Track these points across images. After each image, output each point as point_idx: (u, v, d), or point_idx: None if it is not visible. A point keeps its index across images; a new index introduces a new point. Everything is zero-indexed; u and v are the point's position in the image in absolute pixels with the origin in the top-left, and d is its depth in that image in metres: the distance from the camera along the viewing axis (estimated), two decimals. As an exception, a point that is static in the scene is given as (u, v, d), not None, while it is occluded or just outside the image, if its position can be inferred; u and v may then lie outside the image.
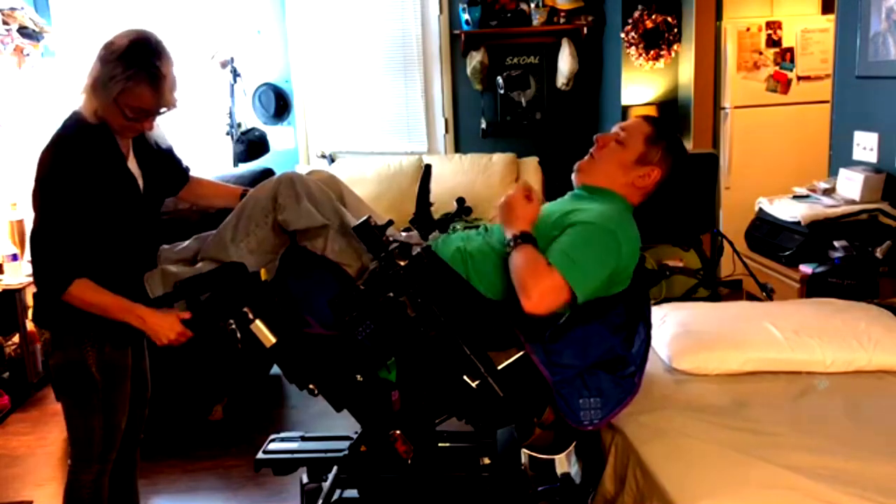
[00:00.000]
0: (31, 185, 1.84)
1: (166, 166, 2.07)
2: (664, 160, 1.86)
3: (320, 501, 1.86)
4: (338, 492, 1.89)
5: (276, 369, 3.82)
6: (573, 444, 1.83)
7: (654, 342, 2.08)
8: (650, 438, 1.73)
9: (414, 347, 1.65)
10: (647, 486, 1.64)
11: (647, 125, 1.90)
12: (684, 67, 4.77)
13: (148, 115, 1.85)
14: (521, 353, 1.68)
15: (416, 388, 1.71)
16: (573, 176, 1.94)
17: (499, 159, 4.91)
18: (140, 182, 1.96)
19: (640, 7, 4.63)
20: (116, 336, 1.93)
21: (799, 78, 4.69)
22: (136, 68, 1.76)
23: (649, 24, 4.61)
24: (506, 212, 1.77)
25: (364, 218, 1.69)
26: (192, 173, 2.18)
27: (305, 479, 1.98)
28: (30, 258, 1.85)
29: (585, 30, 4.96)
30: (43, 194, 1.81)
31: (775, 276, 3.11)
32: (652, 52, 4.67)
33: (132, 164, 1.95)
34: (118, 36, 1.79)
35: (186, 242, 2.00)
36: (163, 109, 1.85)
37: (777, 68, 4.70)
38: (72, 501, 2.07)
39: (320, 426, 3.17)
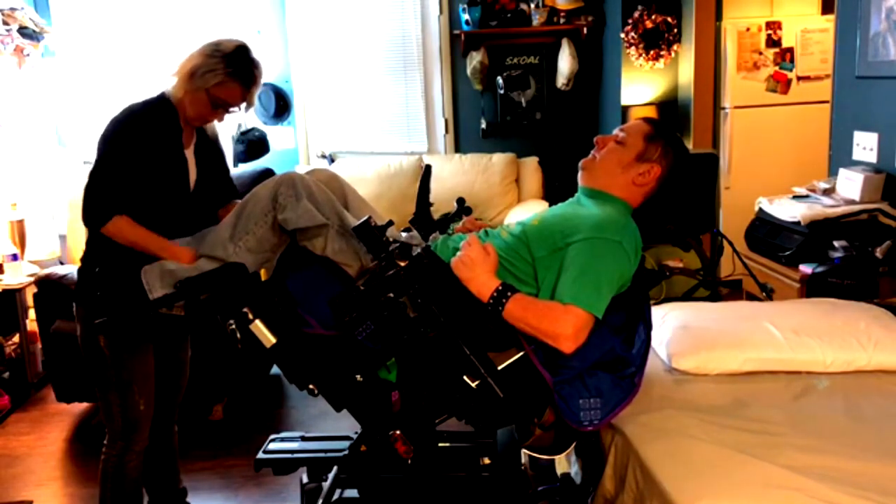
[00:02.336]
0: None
1: (221, 178, 2.31)
2: (664, 157, 1.87)
3: (320, 501, 1.86)
4: (338, 492, 1.89)
5: (276, 369, 3.83)
6: (573, 445, 1.83)
7: (654, 342, 2.09)
8: (650, 438, 1.73)
9: (414, 348, 1.65)
10: (647, 486, 1.65)
11: (646, 125, 1.91)
12: (684, 67, 4.77)
13: (227, 109, 2.14)
14: (520, 354, 1.68)
15: (416, 389, 1.71)
16: (579, 175, 1.94)
17: (499, 159, 4.91)
18: (192, 175, 2.19)
19: (640, 7, 4.63)
20: (132, 322, 2.02)
21: (799, 78, 4.70)
22: (236, 68, 2.07)
23: (649, 25, 4.61)
24: (467, 269, 1.70)
25: (364, 218, 1.69)
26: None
27: (305, 479, 1.98)
28: (82, 200, 2.07)
29: (585, 30, 4.96)
30: (102, 147, 2.07)
31: (775, 276, 3.11)
32: (652, 53, 4.67)
33: (189, 156, 2.18)
34: (226, 40, 2.11)
35: (187, 240, 2.01)
36: (241, 106, 2.15)
37: (777, 68, 4.70)
38: (101, 474, 2.23)
39: (320, 426, 3.17)
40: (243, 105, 2.15)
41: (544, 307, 1.66)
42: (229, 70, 2.06)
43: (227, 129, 4.84)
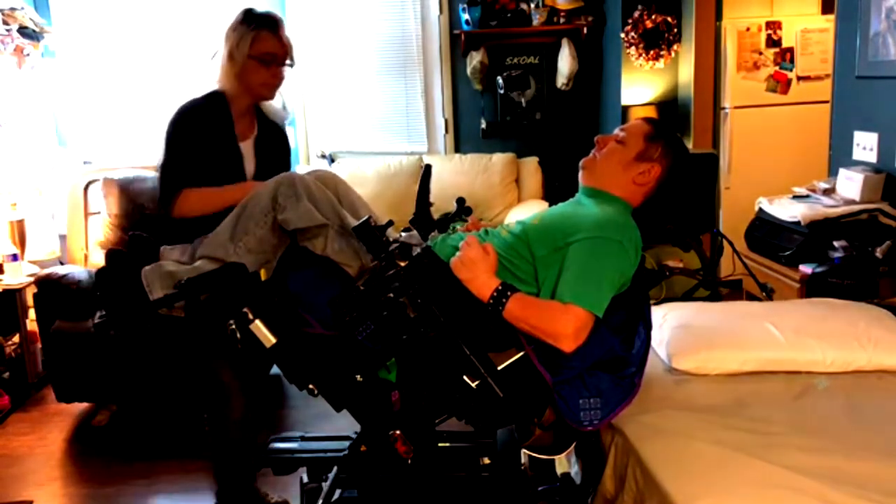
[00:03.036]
0: None
1: (281, 167, 2.33)
2: (664, 157, 1.87)
3: (320, 501, 1.86)
4: (338, 492, 1.89)
5: (276, 369, 3.82)
6: (573, 445, 1.83)
7: (654, 342, 2.09)
8: (650, 438, 1.73)
9: (414, 348, 1.65)
10: (647, 486, 1.65)
11: (646, 124, 1.92)
12: (684, 67, 4.77)
13: (278, 62, 2.26)
14: (520, 354, 1.68)
15: (416, 389, 1.71)
16: (579, 174, 1.94)
17: (499, 159, 4.91)
18: (250, 166, 2.31)
19: (640, 7, 4.62)
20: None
21: (799, 78, 4.69)
22: (256, 21, 2.23)
23: (649, 24, 4.61)
24: (466, 270, 1.70)
25: (364, 218, 1.69)
26: None
27: (305, 479, 1.98)
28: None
29: (585, 30, 4.96)
30: (164, 144, 2.25)
31: (775, 276, 3.11)
32: (652, 52, 4.67)
33: (247, 148, 2.29)
34: (234, 17, 2.27)
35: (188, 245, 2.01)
36: (288, 63, 2.27)
37: (777, 68, 4.70)
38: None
39: (320, 426, 3.17)
40: (288, 56, 2.27)
41: (545, 306, 1.66)
42: (252, 25, 2.23)
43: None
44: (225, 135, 2.28)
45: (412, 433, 1.70)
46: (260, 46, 2.23)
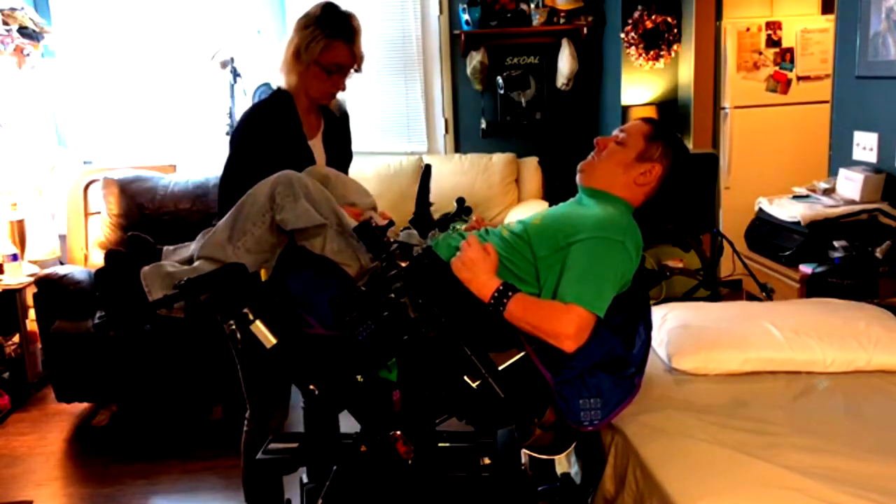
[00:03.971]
0: None
1: (345, 158, 2.34)
2: (664, 156, 1.87)
3: (320, 501, 1.86)
4: (338, 492, 1.89)
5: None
6: (573, 445, 1.83)
7: (654, 342, 2.09)
8: (650, 438, 1.73)
9: (415, 348, 1.65)
10: (647, 486, 1.65)
11: (645, 125, 1.91)
12: (684, 67, 4.77)
13: (343, 73, 2.16)
14: (521, 354, 1.68)
15: (416, 389, 1.71)
16: (577, 177, 1.94)
17: (499, 159, 4.91)
18: (321, 161, 2.23)
19: (640, 7, 4.62)
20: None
21: (799, 78, 4.70)
22: (332, 27, 2.11)
23: (649, 25, 4.61)
24: (467, 270, 1.70)
25: (365, 219, 1.69)
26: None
27: (305, 479, 1.98)
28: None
29: (585, 30, 4.96)
30: (230, 147, 2.19)
31: (775, 276, 3.11)
32: (652, 53, 4.67)
33: (316, 145, 2.22)
34: (310, 9, 2.14)
35: (191, 244, 2.01)
36: (353, 69, 2.17)
37: (777, 68, 4.70)
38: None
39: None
40: (355, 64, 2.18)
41: (546, 307, 1.66)
42: (327, 31, 2.11)
43: (225, 128, 4.85)
44: (294, 135, 2.20)
45: (412, 433, 1.70)
46: (330, 56, 2.13)
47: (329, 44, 2.11)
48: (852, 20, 3.23)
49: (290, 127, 2.19)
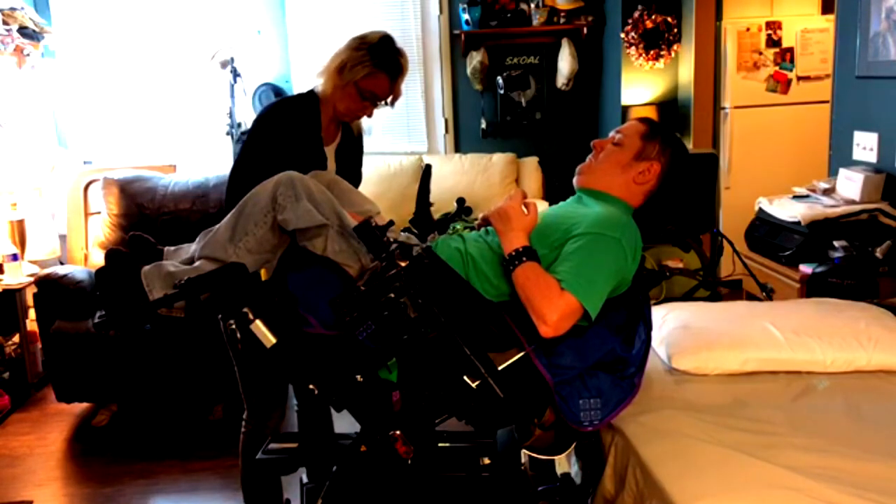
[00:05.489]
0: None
1: (354, 174, 2.38)
2: (662, 154, 1.87)
3: (320, 501, 1.86)
4: (338, 492, 1.89)
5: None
6: (573, 445, 1.83)
7: (654, 342, 2.09)
8: (650, 438, 1.73)
9: (415, 348, 1.65)
10: (647, 486, 1.65)
11: (641, 124, 1.92)
12: (684, 67, 4.77)
13: (375, 102, 2.21)
14: (521, 354, 1.68)
15: (416, 389, 1.71)
16: (574, 179, 1.94)
17: (499, 159, 4.91)
18: (332, 170, 2.26)
19: (640, 7, 4.63)
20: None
21: (799, 78, 4.70)
22: (382, 59, 2.15)
23: (649, 24, 4.61)
24: (502, 222, 1.73)
25: (365, 219, 1.69)
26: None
27: (305, 479, 1.98)
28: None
29: (585, 30, 4.96)
30: (246, 139, 2.21)
31: (775, 276, 3.11)
32: (652, 52, 4.67)
33: (329, 152, 2.25)
34: (371, 32, 2.19)
35: (192, 244, 2.00)
36: (385, 102, 2.23)
37: (777, 68, 4.70)
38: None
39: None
40: (390, 98, 2.23)
41: (545, 285, 1.64)
42: (375, 61, 2.15)
43: (225, 128, 4.85)
44: (312, 137, 2.24)
45: (412, 433, 1.70)
46: (370, 84, 2.18)
47: (374, 72, 2.16)
48: (852, 20, 3.23)
49: (310, 128, 2.23)
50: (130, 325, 2.04)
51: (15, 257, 3.87)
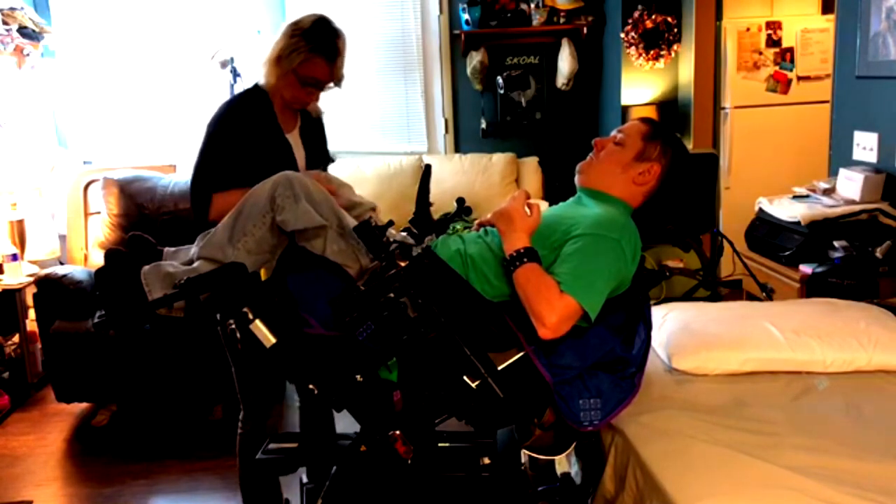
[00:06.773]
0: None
1: (322, 155, 2.39)
2: (663, 155, 1.87)
3: (320, 501, 1.86)
4: (337, 492, 1.89)
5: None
6: (573, 445, 1.83)
7: (654, 342, 2.08)
8: (650, 438, 1.73)
9: (414, 348, 1.65)
10: (647, 486, 1.64)
11: (643, 124, 1.92)
12: (684, 67, 4.77)
13: (318, 86, 2.19)
14: (521, 354, 1.68)
15: (416, 389, 1.71)
16: (576, 178, 1.94)
17: (499, 159, 4.91)
18: (300, 156, 2.28)
19: (640, 7, 4.62)
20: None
21: (799, 78, 4.70)
22: (317, 43, 2.12)
23: (649, 24, 4.61)
24: (504, 222, 1.74)
25: (365, 219, 1.69)
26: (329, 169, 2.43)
27: (305, 479, 1.98)
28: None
29: (585, 30, 4.96)
30: (202, 143, 2.19)
31: (775, 276, 3.11)
32: (652, 52, 4.67)
33: (293, 138, 2.25)
34: (304, 17, 2.16)
35: (191, 246, 2.00)
36: (331, 84, 2.20)
37: (777, 68, 4.70)
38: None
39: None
40: (333, 82, 2.20)
41: (544, 287, 1.64)
42: (311, 46, 2.12)
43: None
44: (270, 128, 2.24)
45: (412, 433, 1.70)
46: (308, 69, 2.16)
47: (309, 58, 2.13)
48: (852, 20, 3.23)
49: (266, 120, 2.23)
50: (130, 325, 2.04)
51: (15, 257, 3.87)
